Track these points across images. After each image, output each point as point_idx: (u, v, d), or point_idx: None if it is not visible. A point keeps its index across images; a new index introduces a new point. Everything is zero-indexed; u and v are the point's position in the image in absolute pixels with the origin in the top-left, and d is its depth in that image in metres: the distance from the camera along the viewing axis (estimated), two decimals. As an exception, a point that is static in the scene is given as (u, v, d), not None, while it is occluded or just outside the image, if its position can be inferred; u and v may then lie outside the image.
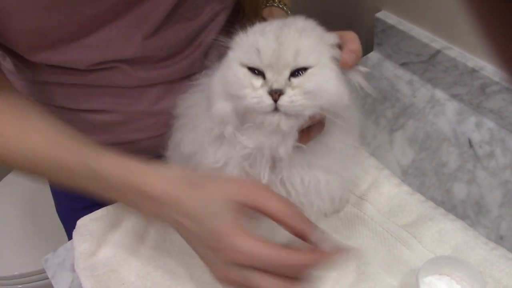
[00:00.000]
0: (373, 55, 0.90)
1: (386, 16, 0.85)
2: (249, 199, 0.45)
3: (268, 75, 0.45)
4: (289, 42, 0.46)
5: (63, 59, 0.58)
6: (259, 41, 0.46)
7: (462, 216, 0.65)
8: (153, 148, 0.62)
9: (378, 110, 0.81)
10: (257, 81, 0.46)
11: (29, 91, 0.66)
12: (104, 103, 0.66)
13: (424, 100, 0.81)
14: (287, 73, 0.45)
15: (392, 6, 0.85)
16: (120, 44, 0.58)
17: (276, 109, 0.45)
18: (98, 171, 0.49)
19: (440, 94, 0.81)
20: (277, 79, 0.45)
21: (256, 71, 0.46)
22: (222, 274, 0.45)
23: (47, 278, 0.67)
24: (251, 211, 0.45)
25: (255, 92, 0.45)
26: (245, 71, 0.46)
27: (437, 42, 0.79)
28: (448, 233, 0.62)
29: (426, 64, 0.82)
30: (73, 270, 0.65)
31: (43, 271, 1.11)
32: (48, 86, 0.65)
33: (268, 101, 0.44)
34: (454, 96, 0.80)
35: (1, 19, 0.51)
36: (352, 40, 0.48)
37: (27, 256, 1.13)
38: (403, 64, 0.86)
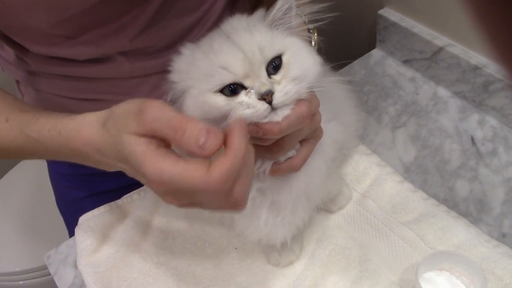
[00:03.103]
0: (376, 52, 0.90)
1: (388, 13, 0.85)
2: (149, 129, 0.39)
3: (247, 83, 0.43)
4: (248, 43, 0.44)
5: (61, 53, 0.60)
6: (220, 59, 0.43)
7: (464, 213, 0.65)
8: None
9: (381, 107, 0.81)
10: (241, 96, 0.44)
11: (28, 81, 0.68)
12: (100, 93, 0.67)
13: (427, 97, 0.81)
14: (264, 72, 0.44)
15: (395, 3, 0.85)
16: (116, 38, 0.60)
17: (272, 109, 0.44)
18: (33, 137, 0.49)
19: (442, 91, 0.81)
20: (260, 82, 0.43)
21: (232, 87, 0.44)
22: (165, 201, 0.41)
23: (48, 275, 0.67)
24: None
25: (247, 105, 0.43)
26: (222, 97, 0.44)
27: (440, 39, 0.79)
28: (451, 230, 0.62)
29: (429, 61, 0.82)
30: (76, 267, 0.65)
31: (44, 268, 1.11)
32: (46, 76, 0.66)
33: (263, 106, 0.43)
34: (457, 94, 0.80)
35: (4, 14, 0.53)
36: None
37: (28, 252, 1.13)
38: (406, 61, 0.86)
